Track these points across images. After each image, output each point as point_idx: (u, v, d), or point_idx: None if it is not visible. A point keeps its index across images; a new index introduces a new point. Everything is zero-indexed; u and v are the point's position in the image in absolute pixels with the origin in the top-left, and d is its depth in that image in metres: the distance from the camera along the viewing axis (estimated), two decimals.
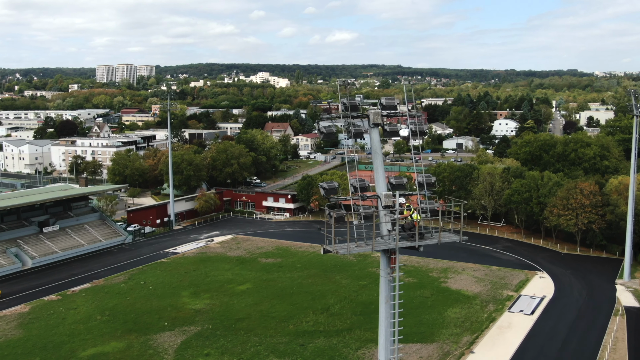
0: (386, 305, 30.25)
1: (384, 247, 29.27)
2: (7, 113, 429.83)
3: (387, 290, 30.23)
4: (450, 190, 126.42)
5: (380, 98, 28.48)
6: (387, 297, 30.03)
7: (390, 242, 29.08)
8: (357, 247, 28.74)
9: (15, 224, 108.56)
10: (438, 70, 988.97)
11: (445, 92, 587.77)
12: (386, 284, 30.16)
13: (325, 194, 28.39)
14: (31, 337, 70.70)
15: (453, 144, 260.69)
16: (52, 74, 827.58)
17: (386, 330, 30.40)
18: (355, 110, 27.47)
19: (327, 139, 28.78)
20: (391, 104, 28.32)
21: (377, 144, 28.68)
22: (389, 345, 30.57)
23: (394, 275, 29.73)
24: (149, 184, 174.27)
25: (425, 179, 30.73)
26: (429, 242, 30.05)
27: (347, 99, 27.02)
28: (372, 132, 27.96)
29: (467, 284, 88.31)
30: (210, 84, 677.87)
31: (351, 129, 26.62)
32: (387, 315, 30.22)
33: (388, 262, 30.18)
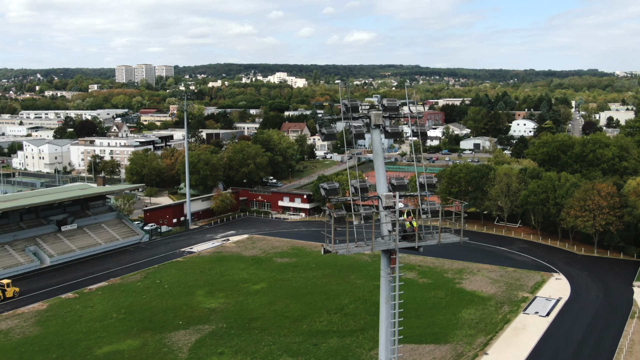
0: (386, 305, 30.29)
1: (384, 247, 29.31)
2: (28, 113, 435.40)
3: (387, 290, 30.27)
4: (466, 191, 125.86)
5: (382, 99, 28.50)
6: (388, 297, 30.06)
7: (390, 242, 29.10)
8: (357, 247, 28.81)
9: (34, 223, 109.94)
10: (456, 70, 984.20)
11: (463, 92, 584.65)
12: (386, 284, 30.21)
13: (326, 194, 28.53)
14: (48, 334, 71.62)
15: (470, 144, 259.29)
16: (73, 74, 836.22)
17: (386, 330, 30.45)
18: (356, 111, 27.54)
19: (328, 139, 28.92)
20: (392, 106, 28.33)
21: (378, 145, 28.73)
22: (390, 345, 30.54)
23: (394, 276, 29.68)
24: (166, 183, 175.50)
25: (427, 180, 30.69)
26: (429, 243, 30.02)
27: (348, 100, 27.10)
28: (373, 133, 28.00)
29: (482, 285, 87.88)
30: (228, 84, 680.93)
31: (352, 130, 26.70)
32: (387, 315, 30.25)
33: (388, 262, 30.22)
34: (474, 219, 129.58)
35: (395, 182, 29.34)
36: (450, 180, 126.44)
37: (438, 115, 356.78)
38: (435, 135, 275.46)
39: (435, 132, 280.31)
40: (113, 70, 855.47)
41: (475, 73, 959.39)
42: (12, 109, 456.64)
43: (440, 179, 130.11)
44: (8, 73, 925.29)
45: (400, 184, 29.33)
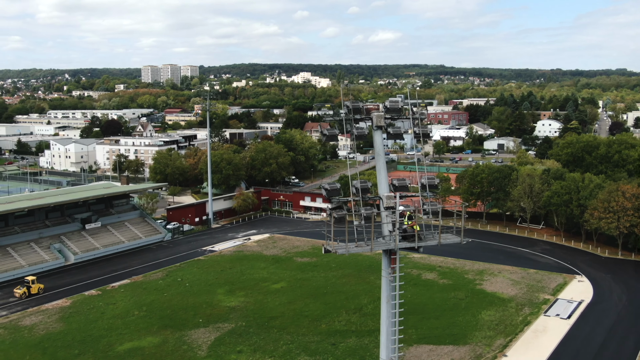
0: (387, 305, 30.40)
1: (384, 247, 29.46)
2: (55, 112, 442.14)
3: (388, 290, 30.43)
4: (488, 192, 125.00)
5: (385, 100, 28.58)
6: (389, 297, 30.16)
7: (390, 242, 29.19)
8: (357, 247, 29.06)
9: (59, 221, 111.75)
10: (482, 69, 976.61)
11: (488, 92, 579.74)
12: (387, 284, 30.37)
13: (327, 195, 28.75)
14: (71, 330, 72.82)
15: (494, 144, 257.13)
16: (100, 74, 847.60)
17: (387, 330, 30.56)
18: (358, 113, 27.67)
19: (330, 140, 29.08)
20: (395, 107, 28.37)
21: (380, 146, 28.80)
22: (390, 344, 30.63)
23: (394, 275, 29.81)
24: (189, 182, 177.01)
25: (428, 181, 30.66)
26: (429, 243, 30.03)
27: (351, 102, 27.25)
28: (375, 134, 28.08)
29: (503, 287, 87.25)
30: (252, 84, 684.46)
31: (354, 131, 26.83)
32: (388, 315, 30.38)
33: (389, 262, 30.33)
34: (496, 220, 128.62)
35: (397, 183, 29.37)
36: (472, 180, 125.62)
37: (462, 116, 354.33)
38: (458, 136, 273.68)
39: (458, 133, 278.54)
40: (139, 70, 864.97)
41: (500, 73, 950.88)
42: (40, 108, 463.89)
43: (462, 180, 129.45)
44: (37, 73, 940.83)
45: (401, 184, 29.36)
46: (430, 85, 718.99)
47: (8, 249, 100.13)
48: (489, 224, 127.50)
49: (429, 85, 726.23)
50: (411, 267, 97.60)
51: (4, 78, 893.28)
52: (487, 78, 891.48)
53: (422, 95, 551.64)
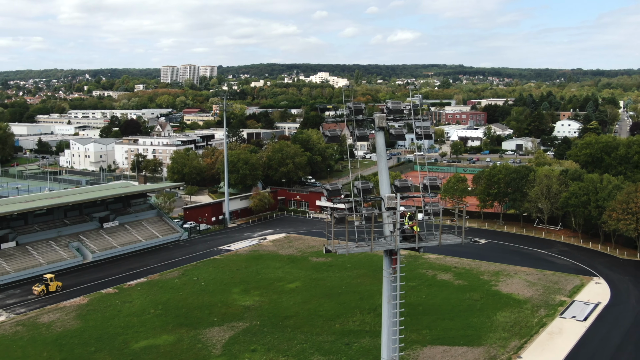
0: (389, 305, 30.44)
1: (384, 247, 29.46)
2: (76, 112, 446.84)
3: (389, 290, 30.45)
4: (505, 193, 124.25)
5: (387, 102, 28.61)
6: (390, 297, 30.19)
7: (391, 243, 29.21)
8: (357, 247, 29.17)
9: (77, 219, 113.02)
10: (501, 69, 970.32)
11: (507, 92, 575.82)
12: (388, 284, 30.38)
13: (328, 195, 28.92)
14: (88, 327, 73.64)
15: (512, 145, 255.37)
16: (120, 75, 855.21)
17: (388, 330, 30.62)
18: (360, 114, 27.75)
19: (332, 142, 29.19)
20: (397, 108, 28.41)
21: (381, 147, 28.84)
22: (391, 344, 30.69)
23: (395, 275, 29.84)
24: (206, 182, 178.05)
25: (430, 181, 30.58)
26: (429, 244, 29.97)
27: (353, 103, 27.35)
28: (377, 135, 28.14)
29: (519, 288, 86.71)
30: (270, 84, 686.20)
31: (355, 133, 26.90)
32: (389, 315, 30.43)
33: (390, 262, 30.31)
34: (513, 221, 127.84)
35: (399, 184, 29.38)
36: (489, 181, 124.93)
37: (480, 116, 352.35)
38: (476, 136, 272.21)
39: (476, 133, 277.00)
40: (158, 70, 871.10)
41: (520, 72, 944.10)
42: (61, 108, 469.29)
43: (479, 180, 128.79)
44: (58, 73, 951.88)
45: (403, 185, 29.37)
46: (449, 85, 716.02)
47: (27, 247, 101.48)
48: (505, 225, 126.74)
49: (448, 85, 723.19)
50: (426, 267, 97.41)
51: (26, 78, 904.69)
52: (507, 78, 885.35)
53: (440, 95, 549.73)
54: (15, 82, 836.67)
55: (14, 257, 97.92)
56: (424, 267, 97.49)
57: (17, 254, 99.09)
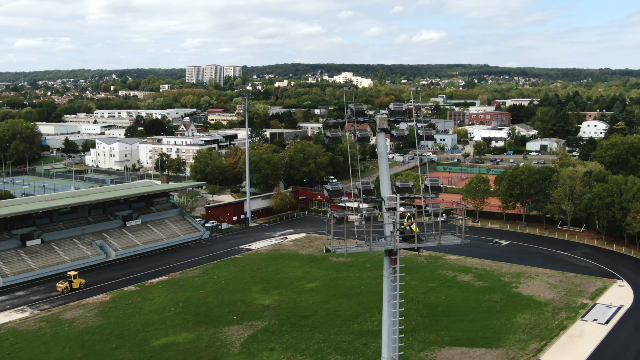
0: (388, 305, 30.58)
1: (383, 247, 29.69)
2: (102, 112, 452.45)
3: (389, 289, 30.71)
4: (528, 194, 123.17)
5: (389, 103, 28.69)
6: (390, 297, 30.29)
7: (390, 243, 29.34)
8: (357, 247, 29.45)
9: (101, 218, 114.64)
10: (527, 69, 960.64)
11: (533, 92, 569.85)
12: (388, 284, 30.62)
13: (329, 195, 29.18)
14: (109, 324, 74.72)
15: (537, 145, 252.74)
16: (145, 75, 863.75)
17: (388, 329, 30.79)
18: (361, 115, 27.87)
19: (333, 143, 29.36)
20: (399, 110, 28.46)
21: (382, 148, 28.91)
22: (392, 343, 30.79)
23: (395, 275, 30.04)
24: (229, 181, 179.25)
25: (431, 182, 30.55)
26: (429, 245, 30.01)
27: (354, 104, 27.47)
28: (379, 136, 28.22)
29: (540, 290, 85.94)
30: (294, 84, 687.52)
31: (357, 134, 27.04)
32: (389, 314, 30.62)
33: (390, 262, 30.48)
34: (535, 222, 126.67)
35: (400, 185, 29.43)
36: (512, 182, 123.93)
37: (504, 116, 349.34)
38: (500, 137, 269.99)
39: (500, 133, 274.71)
40: (183, 70, 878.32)
41: (546, 72, 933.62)
42: (87, 108, 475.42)
43: (501, 181, 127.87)
44: (85, 74, 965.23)
45: (404, 186, 29.41)
46: (473, 85, 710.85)
47: (52, 244, 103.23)
48: (528, 227, 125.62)
49: (472, 85, 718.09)
50: (447, 268, 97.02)
51: (54, 78, 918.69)
52: (533, 78, 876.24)
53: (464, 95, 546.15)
54: (43, 82, 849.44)
55: (39, 255, 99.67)
56: (444, 268, 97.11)
57: (42, 251, 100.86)
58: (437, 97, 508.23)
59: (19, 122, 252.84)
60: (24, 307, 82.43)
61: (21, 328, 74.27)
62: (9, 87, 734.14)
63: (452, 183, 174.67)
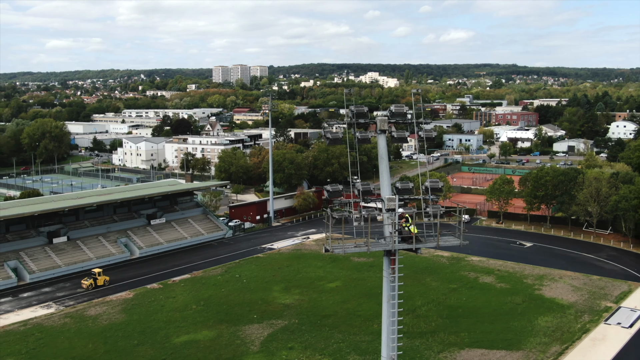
0: (388, 305, 30.65)
1: (381, 248, 29.84)
2: (130, 112, 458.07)
3: (388, 290, 30.84)
4: (553, 195, 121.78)
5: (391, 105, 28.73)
6: (389, 297, 30.37)
7: (389, 244, 29.43)
8: (355, 248, 29.71)
9: (126, 216, 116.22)
10: (556, 69, 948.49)
11: (561, 92, 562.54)
12: (388, 284, 30.74)
13: (329, 196, 29.47)
14: (132, 321, 75.79)
15: (564, 146, 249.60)
16: (173, 75, 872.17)
17: (388, 329, 30.87)
18: (362, 117, 28.01)
19: (333, 144, 29.58)
20: (400, 112, 28.51)
21: (383, 150, 28.99)
22: (391, 342, 30.84)
23: (394, 276, 30.15)
24: (253, 181, 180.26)
25: (431, 184, 30.54)
26: (428, 245, 30.04)
27: (355, 107, 27.63)
28: (379, 138, 28.29)
29: (563, 293, 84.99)
30: (320, 84, 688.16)
31: (357, 135, 27.18)
32: (388, 314, 30.70)
33: (389, 262, 30.55)
34: (560, 224, 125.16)
35: (400, 186, 29.47)
36: (536, 183, 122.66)
37: (531, 116, 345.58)
38: (526, 137, 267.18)
39: (526, 134, 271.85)
40: (210, 70, 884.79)
41: (576, 72, 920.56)
42: (116, 107, 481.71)
43: (526, 182, 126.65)
44: (115, 74, 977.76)
45: (404, 187, 29.44)
46: (501, 85, 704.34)
47: (78, 242, 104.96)
48: (552, 228, 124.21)
49: (499, 85, 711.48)
50: (469, 270, 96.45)
51: (84, 78, 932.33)
52: (562, 78, 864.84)
53: (491, 95, 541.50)
54: (74, 82, 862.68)
55: (65, 252, 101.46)
56: (466, 270, 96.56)
57: (68, 248, 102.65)
58: (464, 97, 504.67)
59: (48, 121, 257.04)
60: (49, 303, 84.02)
61: (46, 323, 75.74)
62: (40, 87, 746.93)
63: (477, 184, 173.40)
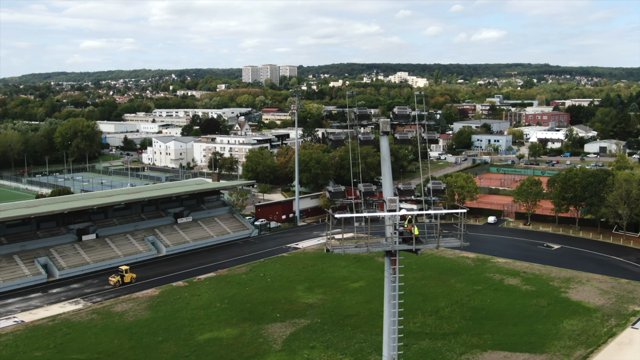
0: (389, 305, 30.73)
1: (381, 248, 30.08)
2: (160, 111, 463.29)
3: (389, 290, 31.02)
4: (582, 197, 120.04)
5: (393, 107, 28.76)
6: (390, 297, 30.40)
7: (389, 244, 29.57)
8: (355, 248, 29.93)
9: (153, 214, 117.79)
10: (590, 68, 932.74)
11: (594, 92, 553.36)
12: (389, 284, 30.92)
13: (331, 197, 29.68)
14: (157, 318, 76.89)
15: (596, 147, 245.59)
16: (204, 75, 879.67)
17: (389, 329, 30.96)
18: (365, 119, 28.09)
19: (336, 145, 29.75)
20: (403, 114, 28.50)
21: (385, 151, 29.00)
22: (391, 342, 30.85)
23: (395, 276, 30.27)
24: (280, 180, 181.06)
25: (434, 186, 30.47)
26: (428, 246, 30.05)
27: (357, 109, 27.74)
28: (382, 140, 28.34)
29: (590, 296, 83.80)
30: (349, 83, 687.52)
31: (359, 137, 27.28)
32: (389, 314, 30.81)
33: (390, 263, 30.63)
34: (589, 226, 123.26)
35: (402, 187, 29.47)
36: (565, 185, 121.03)
37: (562, 117, 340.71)
38: (557, 138, 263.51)
39: (557, 135, 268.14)
40: (240, 70, 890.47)
41: (610, 72, 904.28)
42: (146, 107, 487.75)
43: (554, 184, 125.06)
44: (146, 74, 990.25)
45: (406, 189, 29.44)
46: (532, 85, 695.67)
47: (106, 239, 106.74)
48: (581, 230, 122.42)
49: (531, 85, 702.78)
50: (494, 271, 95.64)
51: (117, 78, 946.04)
52: (595, 77, 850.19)
53: (522, 95, 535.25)
54: (106, 82, 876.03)
55: (93, 249, 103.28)
56: (491, 271, 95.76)
57: (96, 245, 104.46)
58: (494, 98, 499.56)
59: (80, 120, 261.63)
60: (77, 299, 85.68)
61: (74, 319, 77.27)
62: (74, 87, 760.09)
63: (505, 185, 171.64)
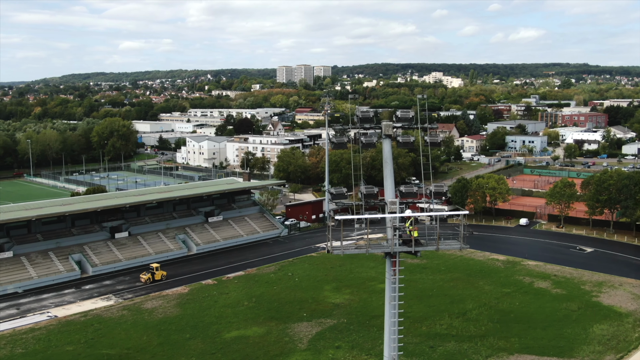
0: (389, 305, 30.69)
1: (381, 250, 30.24)
2: (195, 111, 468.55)
3: (390, 291, 31.10)
4: (617, 200, 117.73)
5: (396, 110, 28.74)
6: (391, 298, 30.38)
7: (389, 246, 29.68)
8: (355, 249, 30.18)
9: (185, 213, 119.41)
10: (630, 68, 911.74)
11: (634, 92, 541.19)
12: (389, 285, 31.00)
13: (332, 198, 29.93)
14: (185, 315, 78.06)
15: (634, 149, 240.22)
16: (239, 75, 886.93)
17: (389, 329, 30.89)
18: (368, 122, 28.16)
19: (338, 148, 29.94)
20: (406, 117, 28.45)
21: (388, 154, 29.00)
22: (392, 342, 30.78)
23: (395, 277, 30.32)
24: (311, 180, 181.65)
25: (435, 188, 30.42)
26: (427, 248, 30.05)
27: (360, 111, 27.84)
28: (384, 143, 28.37)
29: (622, 300, 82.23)
30: (383, 84, 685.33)
31: (362, 140, 27.37)
32: (390, 315, 30.75)
33: (391, 264, 30.66)
34: (624, 230, 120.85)
35: (404, 190, 29.45)
36: (599, 187, 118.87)
37: (600, 118, 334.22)
38: (593, 139, 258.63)
39: (594, 136, 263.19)
40: (275, 70, 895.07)
41: None
42: (182, 107, 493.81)
43: (588, 186, 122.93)
44: (182, 74, 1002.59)
45: (408, 191, 29.41)
46: (570, 85, 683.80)
47: (138, 237, 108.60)
48: (616, 234, 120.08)
49: (569, 85, 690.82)
50: (524, 274, 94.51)
51: (154, 78, 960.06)
52: (636, 77, 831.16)
53: (559, 95, 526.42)
54: (144, 82, 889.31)
55: (126, 247, 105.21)
56: (521, 274, 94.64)
57: (129, 243, 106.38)
58: (530, 98, 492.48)
59: (116, 120, 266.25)
60: (109, 295, 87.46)
61: (105, 315, 78.93)
62: (112, 87, 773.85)
63: (539, 187, 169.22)
